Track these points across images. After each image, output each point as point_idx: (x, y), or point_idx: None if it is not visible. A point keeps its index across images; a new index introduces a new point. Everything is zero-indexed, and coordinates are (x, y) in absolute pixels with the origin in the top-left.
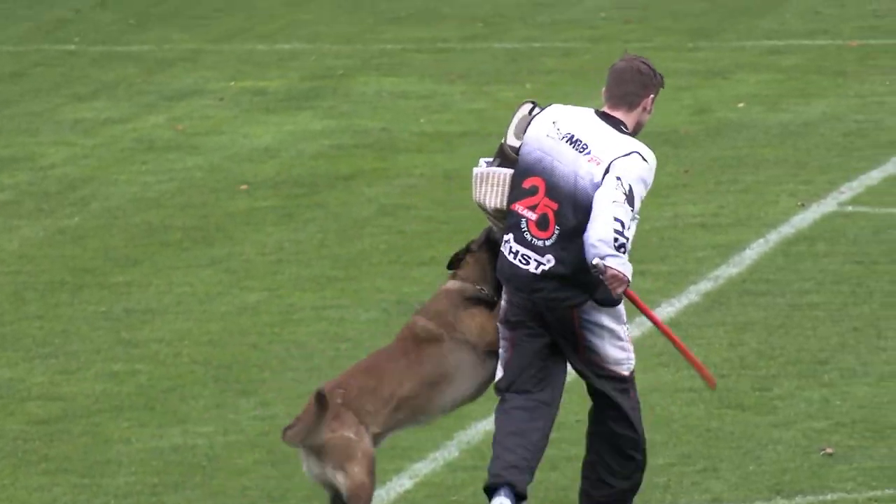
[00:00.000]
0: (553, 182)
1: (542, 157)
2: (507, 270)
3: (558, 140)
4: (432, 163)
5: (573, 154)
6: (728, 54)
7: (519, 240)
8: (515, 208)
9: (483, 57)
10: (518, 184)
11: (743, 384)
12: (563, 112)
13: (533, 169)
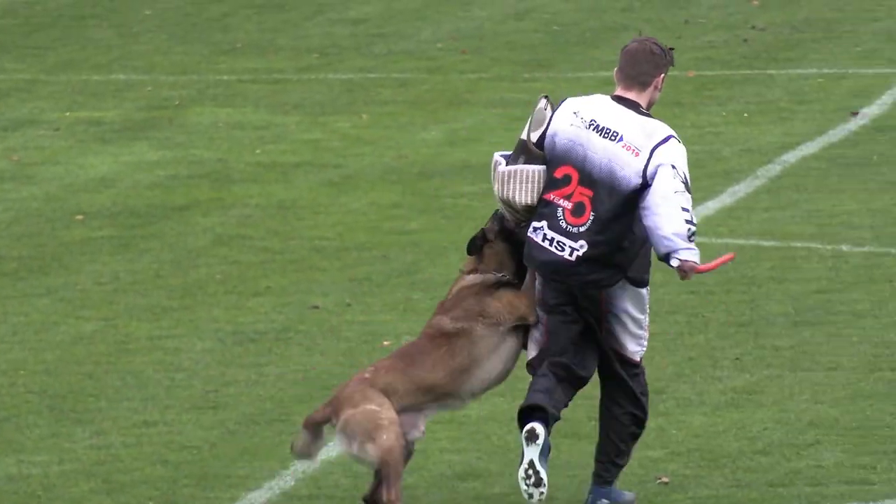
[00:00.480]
0: (586, 171)
1: (572, 147)
2: (540, 257)
3: (585, 129)
4: (268, 193)
5: (604, 142)
6: (564, 85)
7: (553, 227)
8: (550, 198)
9: (318, 87)
10: (549, 174)
11: (579, 413)
12: (581, 102)
13: (563, 159)
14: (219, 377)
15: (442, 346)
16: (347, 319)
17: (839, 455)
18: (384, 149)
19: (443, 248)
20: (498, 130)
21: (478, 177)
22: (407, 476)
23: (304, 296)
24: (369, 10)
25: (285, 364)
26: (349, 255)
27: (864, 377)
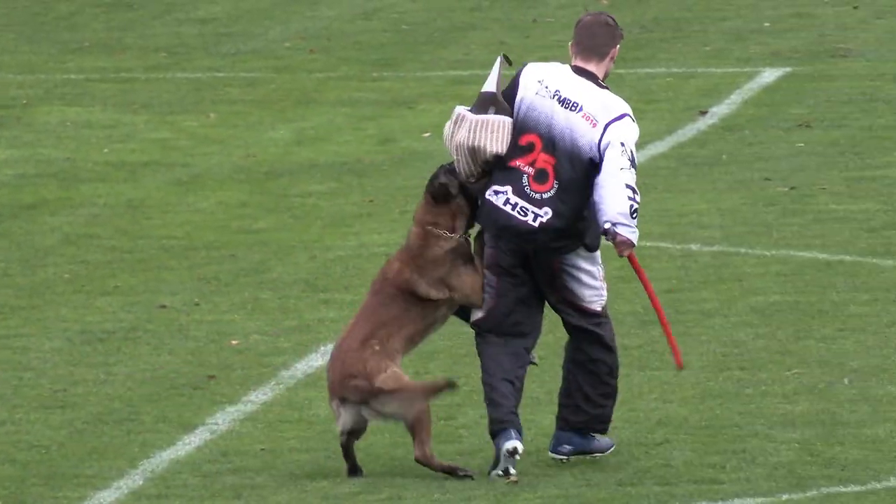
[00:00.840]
0: (549, 138)
1: (537, 116)
2: (501, 221)
3: (550, 98)
4: (116, 192)
5: (565, 113)
6: (413, 84)
7: (518, 192)
8: (515, 164)
9: (166, 87)
10: (514, 141)
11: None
12: (545, 71)
13: (527, 126)
14: (67, 376)
15: (417, 305)
16: (196, 318)
17: (688, 454)
18: (232, 148)
19: (290, 247)
20: (346, 129)
21: (326, 176)
22: (255, 476)
23: (153, 295)
24: (217, 9)
25: (134, 363)
26: (197, 255)
27: (713, 376)
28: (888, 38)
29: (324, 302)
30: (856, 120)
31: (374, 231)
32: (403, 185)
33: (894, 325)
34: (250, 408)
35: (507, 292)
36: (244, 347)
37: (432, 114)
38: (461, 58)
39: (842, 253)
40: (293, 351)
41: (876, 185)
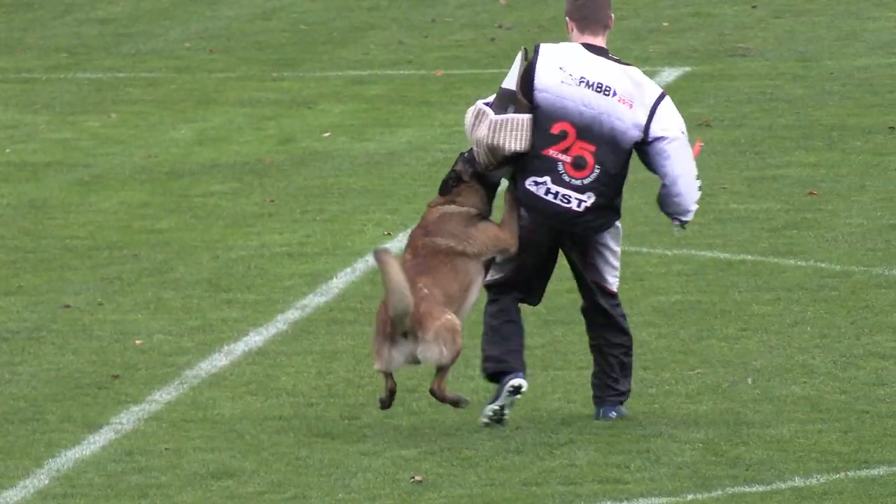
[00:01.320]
0: (584, 126)
1: (567, 104)
2: (547, 210)
3: (577, 86)
4: (18, 192)
5: (598, 98)
6: (312, 84)
7: (557, 181)
8: (548, 153)
9: (67, 87)
10: (544, 130)
11: (332, 412)
12: (560, 54)
13: (557, 115)
14: None
15: (446, 262)
16: (99, 318)
17: (592, 454)
18: (134, 148)
19: (193, 246)
20: (247, 129)
21: (227, 176)
22: (160, 475)
23: (56, 295)
24: (117, 10)
25: (38, 363)
26: (100, 255)
27: None
28: (787, 38)
29: (226, 302)
30: (756, 119)
31: (275, 231)
32: (304, 185)
33: (797, 325)
34: (154, 407)
35: (527, 261)
36: (148, 347)
37: (332, 114)
38: (360, 57)
39: (743, 252)
40: (197, 350)
41: (777, 184)
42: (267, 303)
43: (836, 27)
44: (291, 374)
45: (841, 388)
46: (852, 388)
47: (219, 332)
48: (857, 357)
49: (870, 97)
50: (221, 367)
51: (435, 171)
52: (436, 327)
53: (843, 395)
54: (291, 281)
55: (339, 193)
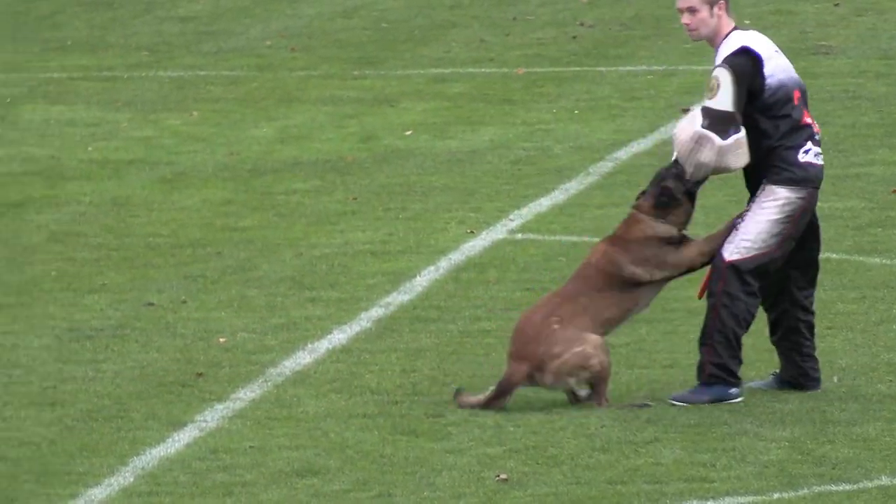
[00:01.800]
0: (802, 88)
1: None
2: (819, 174)
3: (777, 56)
4: (101, 190)
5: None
6: (394, 82)
7: (815, 142)
8: (805, 121)
9: (149, 85)
10: (791, 105)
11: (416, 410)
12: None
13: (790, 86)
14: (56, 373)
15: (615, 286)
16: (183, 316)
17: (678, 452)
18: (216, 146)
19: (276, 245)
20: (328, 127)
21: (310, 174)
22: (245, 473)
23: (140, 293)
24: (198, 7)
25: (122, 360)
26: (183, 252)
27: None
28: (869, 35)
29: (310, 300)
30: (839, 118)
31: (358, 229)
32: (386, 183)
33: (882, 323)
34: (239, 405)
35: (790, 245)
36: (232, 345)
37: (414, 112)
38: (442, 55)
39: (828, 251)
40: (280, 348)
41: (860, 182)
42: (350, 300)
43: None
44: (375, 372)
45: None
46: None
47: (303, 330)
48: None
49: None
50: (305, 364)
51: (518, 170)
52: (554, 369)
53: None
54: (375, 279)
55: (422, 191)
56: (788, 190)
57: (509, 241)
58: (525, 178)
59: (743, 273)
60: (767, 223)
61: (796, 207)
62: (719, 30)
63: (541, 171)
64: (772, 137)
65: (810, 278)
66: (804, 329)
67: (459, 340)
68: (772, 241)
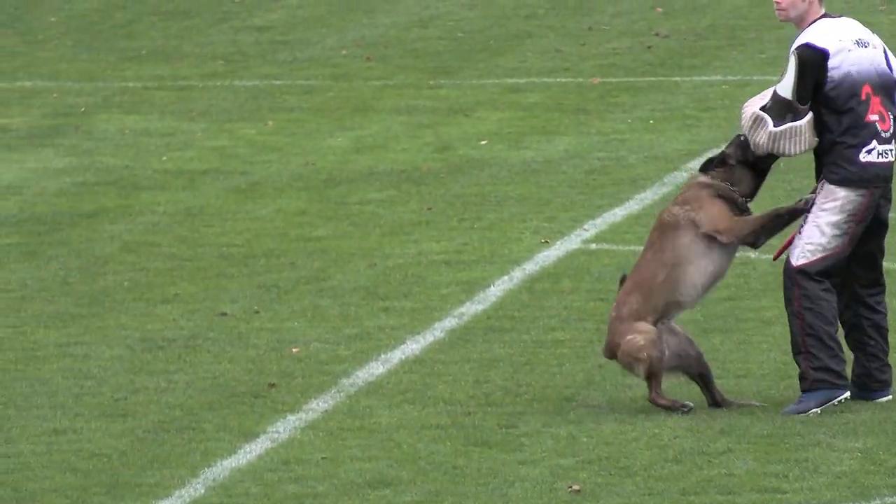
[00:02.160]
0: (876, 82)
1: (859, 68)
2: (881, 172)
3: (857, 48)
4: (175, 200)
5: (868, 53)
6: (469, 92)
7: (880, 141)
8: (868, 119)
9: (224, 94)
10: (856, 101)
11: (489, 421)
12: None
13: (859, 80)
14: (128, 384)
15: (654, 243)
16: (256, 326)
17: (751, 463)
18: (290, 156)
19: (350, 254)
20: (403, 137)
21: (384, 183)
22: (317, 484)
23: (213, 303)
24: (274, 17)
25: (194, 371)
26: (257, 262)
27: (774, 385)
28: None
29: (384, 310)
30: None
31: (432, 239)
32: (461, 193)
33: None
34: (311, 416)
35: (854, 242)
36: (304, 355)
37: (489, 121)
38: (517, 65)
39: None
40: (353, 359)
41: None
42: (424, 310)
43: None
44: (449, 383)
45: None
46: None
47: (376, 340)
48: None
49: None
50: (378, 375)
51: (592, 179)
52: (620, 355)
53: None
54: (448, 289)
55: (496, 201)
56: (846, 190)
57: (583, 251)
58: (599, 187)
59: (814, 274)
60: (829, 225)
61: (857, 205)
62: (807, 15)
63: (615, 181)
64: (833, 132)
65: (875, 277)
66: (869, 328)
67: (533, 351)
68: (836, 241)
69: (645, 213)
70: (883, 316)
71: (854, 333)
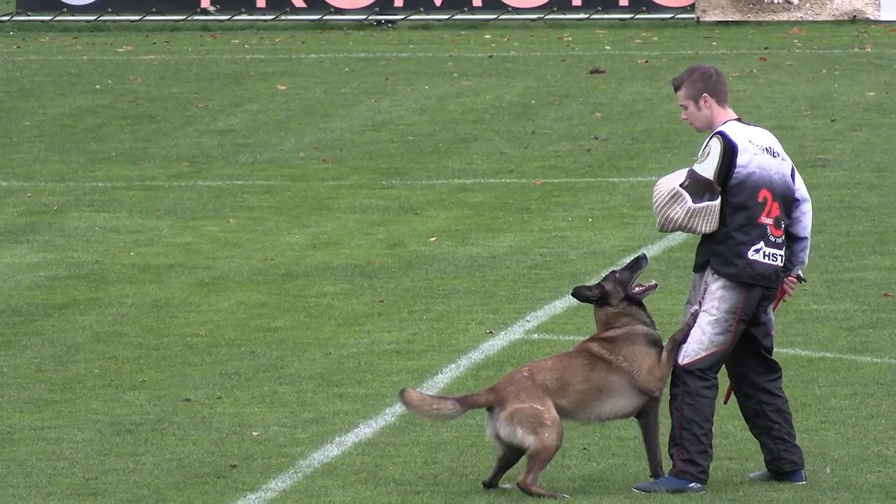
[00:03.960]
0: (773, 189)
1: (763, 173)
2: (765, 272)
3: (763, 154)
4: (142, 293)
5: (775, 162)
6: (419, 192)
7: (769, 244)
8: (761, 220)
9: (188, 194)
10: (754, 200)
11: (437, 500)
12: (740, 130)
13: (758, 184)
14: (98, 465)
15: (586, 359)
16: (218, 411)
17: None
18: (251, 251)
19: (306, 344)
20: (357, 234)
21: (339, 277)
22: None
23: (178, 389)
24: (235, 121)
25: (160, 453)
26: (219, 351)
27: None
28: (864, 149)
29: (338, 396)
30: (834, 226)
31: (384, 329)
32: (412, 287)
33: (873, 418)
34: (270, 495)
35: (737, 338)
36: (264, 438)
37: (438, 219)
38: (464, 167)
39: (823, 350)
40: (310, 441)
41: (854, 286)
42: (376, 396)
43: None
44: (399, 464)
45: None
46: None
47: (331, 424)
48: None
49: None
50: (333, 457)
51: (535, 274)
52: (513, 409)
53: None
54: (399, 376)
55: (445, 294)
56: (730, 289)
57: (525, 341)
58: (541, 281)
59: (697, 371)
60: (710, 324)
61: (736, 303)
62: (714, 119)
63: (556, 276)
64: (728, 226)
65: (769, 365)
66: (772, 413)
67: (478, 434)
68: (719, 339)
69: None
70: (784, 401)
71: (758, 420)
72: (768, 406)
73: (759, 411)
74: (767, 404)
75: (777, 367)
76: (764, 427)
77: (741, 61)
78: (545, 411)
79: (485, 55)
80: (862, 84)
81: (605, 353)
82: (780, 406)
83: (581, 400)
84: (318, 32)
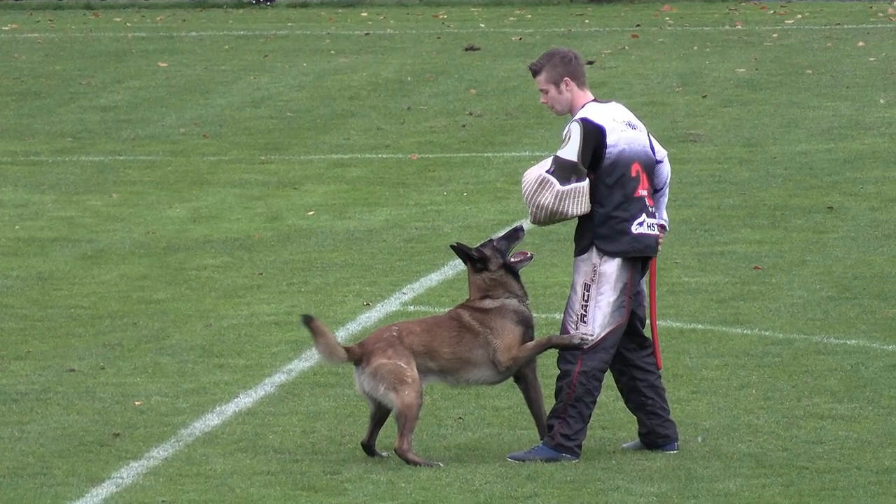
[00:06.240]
0: (643, 160)
1: (630, 148)
2: (651, 243)
3: (629, 129)
4: (27, 265)
5: (635, 133)
6: (298, 167)
7: (649, 214)
8: (638, 194)
9: (72, 169)
10: (627, 177)
11: (315, 468)
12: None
13: (630, 159)
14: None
15: (455, 330)
16: (101, 381)
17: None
18: (133, 225)
19: (187, 316)
20: (237, 208)
21: (219, 251)
22: None
23: (62, 360)
24: (118, 97)
25: (45, 422)
26: (102, 323)
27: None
28: (734, 125)
29: (219, 366)
30: (705, 200)
31: (263, 301)
32: (290, 260)
33: (743, 388)
34: (152, 463)
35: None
36: (146, 408)
37: (316, 194)
38: (342, 142)
39: (694, 322)
40: (191, 411)
41: (724, 259)
42: (256, 367)
43: (779, 115)
44: (278, 433)
45: (783, 445)
46: (793, 446)
47: (212, 394)
48: (797, 417)
49: (810, 179)
50: (214, 426)
51: (411, 247)
52: (378, 364)
53: (784, 452)
54: (278, 347)
55: (323, 267)
56: (622, 267)
57: (402, 313)
58: (417, 255)
59: (599, 350)
60: (608, 304)
61: (627, 279)
62: (574, 103)
63: (432, 249)
64: (605, 206)
65: (640, 340)
66: (645, 388)
67: (355, 404)
68: (617, 314)
69: (459, 279)
70: (657, 376)
71: (633, 395)
72: (641, 382)
73: (633, 387)
74: (640, 380)
75: (648, 343)
76: (638, 402)
77: (613, 38)
78: (408, 369)
79: (362, 33)
80: (732, 61)
81: (475, 324)
82: (653, 382)
83: (447, 367)
84: (198, 10)
